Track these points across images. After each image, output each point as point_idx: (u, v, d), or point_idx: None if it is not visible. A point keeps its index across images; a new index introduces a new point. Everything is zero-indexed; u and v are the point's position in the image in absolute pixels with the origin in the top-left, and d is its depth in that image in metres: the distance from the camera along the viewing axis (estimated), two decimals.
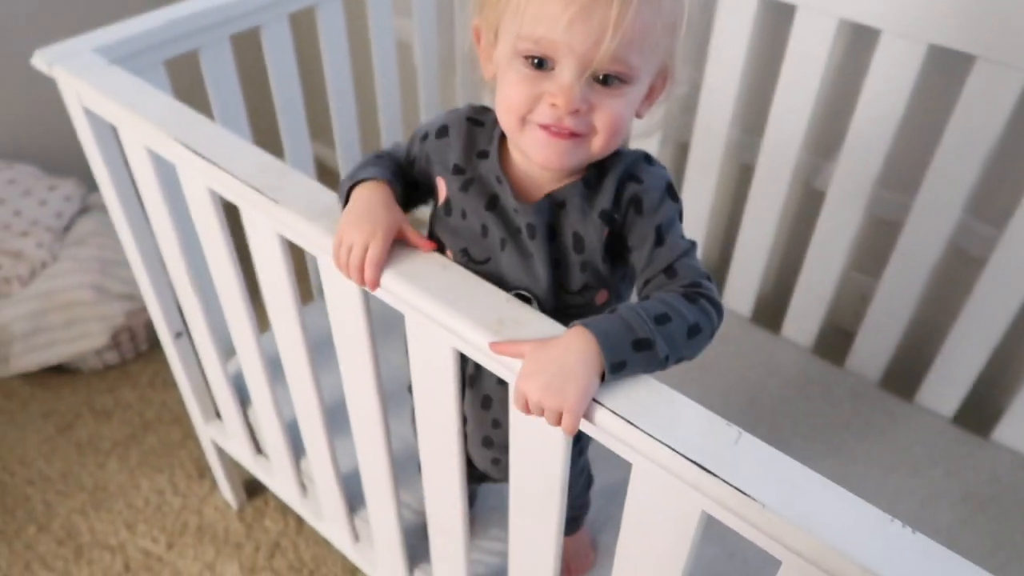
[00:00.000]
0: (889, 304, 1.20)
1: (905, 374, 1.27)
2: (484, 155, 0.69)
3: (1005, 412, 1.14)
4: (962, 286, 1.14)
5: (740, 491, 0.50)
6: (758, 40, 1.18)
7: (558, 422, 0.56)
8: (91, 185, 1.67)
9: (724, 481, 0.51)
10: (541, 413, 0.57)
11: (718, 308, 0.61)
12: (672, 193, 0.66)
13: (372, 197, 0.67)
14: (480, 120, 0.70)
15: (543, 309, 0.68)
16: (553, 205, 0.66)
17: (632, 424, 0.54)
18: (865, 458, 1.15)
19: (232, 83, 1.06)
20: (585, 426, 0.57)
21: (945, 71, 1.04)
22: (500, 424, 0.79)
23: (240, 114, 1.09)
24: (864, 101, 1.09)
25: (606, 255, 0.67)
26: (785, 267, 1.40)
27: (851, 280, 1.33)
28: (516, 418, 0.63)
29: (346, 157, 1.32)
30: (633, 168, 0.65)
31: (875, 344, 1.24)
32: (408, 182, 0.74)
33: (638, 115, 0.64)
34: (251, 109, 1.12)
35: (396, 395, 1.12)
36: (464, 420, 0.76)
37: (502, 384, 0.76)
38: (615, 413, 0.54)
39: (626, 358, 0.56)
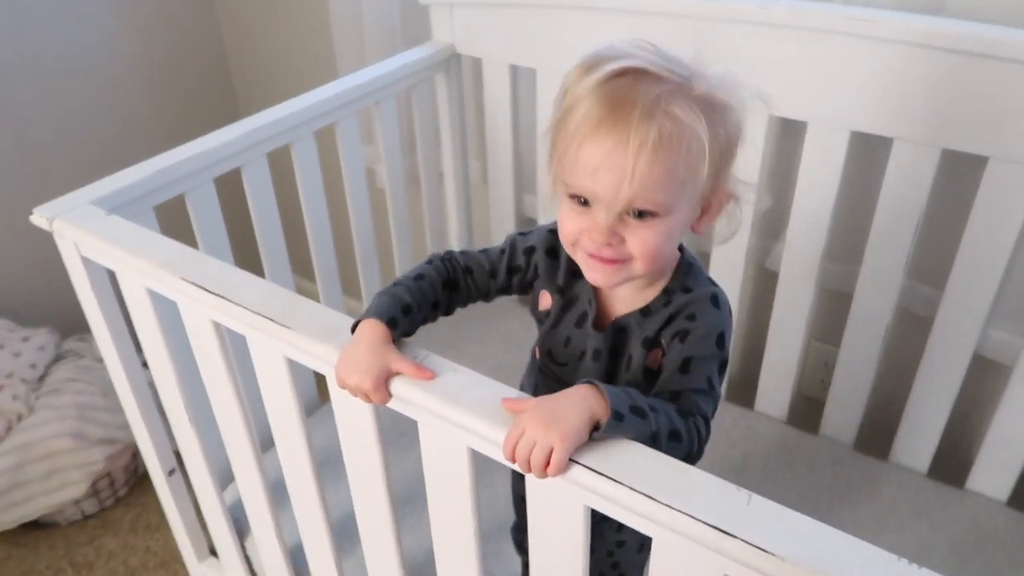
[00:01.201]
0: (852, 369, 1.27)
1: (878, 434, 1.34)
2: (579, 276, 0.76)
3: (975, 460, 1.20)
4: (915, 345, 1.22)
5: (759, 548, 0.54)
6: None
7: (547, 460, 0.59)
8: (64, 332, 1.68)
9: (743, 541, 0.55)
10: (530, 451, 0.60)
11: (701, 438, 0.67)
12: (721, 341, 0.71)
13: (363, 342, 0.71)
14: None
15: None
16: (617, 331, 0.75)
17: (652, 498, 0.58)
18: (853, 520, 1.19)
19: (217, 222, 1.12)
20: (604, 505, 0.61)
21: (869, 152, 1.16)
22: None
23: (226, 250, 1.14)
24: (802, 185, 1.19)
25: (652, 376, 0.74)
26: (750, 345, 1.47)
27: (814, 350, 1.41)
28: (535, 501, 0.67)
29: (326, 284, 1.37)
30: (694, 307, 0.72)
31: (845, 409, 1.30)
32: (462, 289, 0.81)
33: (696, 231, 0.72)
34: (233, 245, 1.17)
35: (400, 508, 1.13)
36: None
37: None
38: (634, 490, 0.58)
39: (624, 412, 0.61)
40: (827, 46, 1.07)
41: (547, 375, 0.82)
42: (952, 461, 1.29)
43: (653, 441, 0.63)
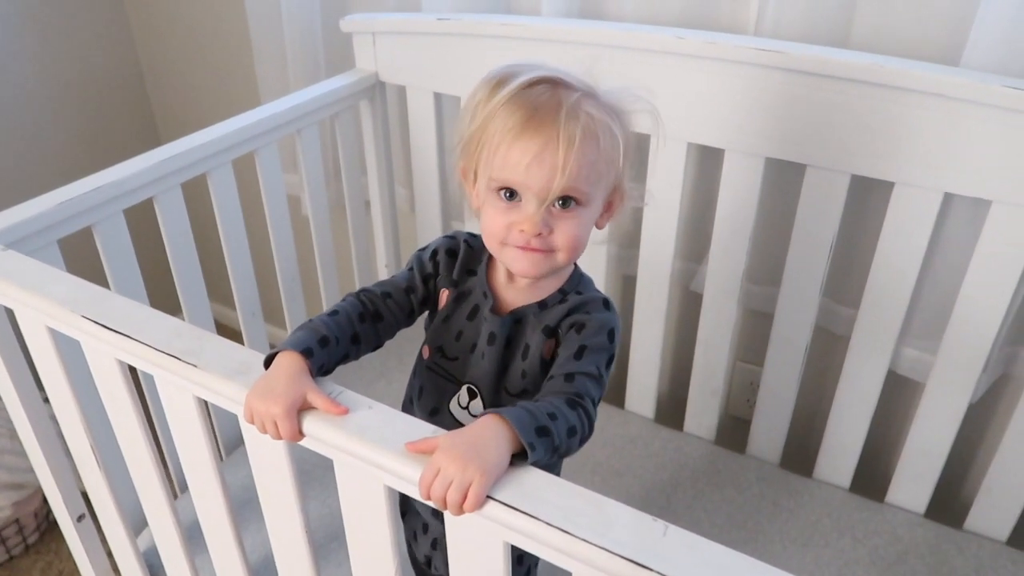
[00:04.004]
0: (775, 388, 1.29)
1: (801, 452, 1.37)
2: (473, 273, 0.82)
3: (894, 475, 1.24)
4: (835, 363, 1.26)
5: None
6: None
7: (463, 497, 0.59)
8: None
9: (659, 573, 0.54)
10: (446, 490, 0.59)
11: (591, 423, 0.71)
12: (611, 336, 0.76)
13: (279, 370, 0.70)
14: (472, 245, 0.83)
15: (484, 403, 0.78)
16: (515, 320, 0.79)
17: (568, 533, 0.57)
18: (780, 537, 1.21)
19: (127, 255, 1.07)
20: (522, 541, 0.60)
21: (784, 178, 1.19)
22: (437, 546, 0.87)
23: (137, 283, 1.10)
24: (722, 208, 1.22)
25: (547, 366, 0.77)
26: (678, 366, 1.49)
27: (738, 370, 1.44)
28: (455, 537, 0.65)
29: (247, 315, 1.33)
30: (589, 307, 0.77)
31: (770, 427, 1.33)
32: (378, 318, 0.81)
33: (598, 226, 0.78)
34: (146, 275, 1.13)
35: (326, 544, 1.10)
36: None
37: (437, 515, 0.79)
38: (551, 524, 0.58)
39: (534, 441, 0.62)
40: (741, 76, 1.10)
41: (436, 372, 0.84)
42: (872, 476, 1.32)
43: (556, 451, 0.65)
